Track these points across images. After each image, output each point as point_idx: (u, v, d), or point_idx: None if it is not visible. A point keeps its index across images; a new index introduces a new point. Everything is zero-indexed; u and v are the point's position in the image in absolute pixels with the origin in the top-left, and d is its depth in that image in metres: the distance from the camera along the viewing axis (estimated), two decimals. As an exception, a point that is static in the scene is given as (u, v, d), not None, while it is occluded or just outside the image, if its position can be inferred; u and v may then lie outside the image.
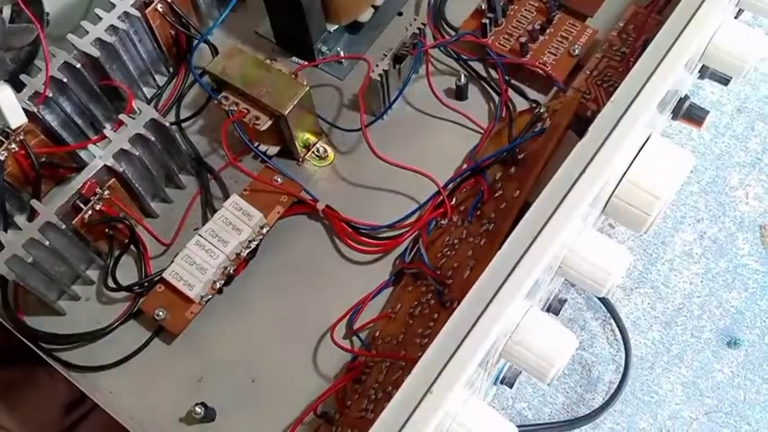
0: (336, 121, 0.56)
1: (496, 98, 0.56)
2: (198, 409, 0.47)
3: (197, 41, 0.57)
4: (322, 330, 0.50)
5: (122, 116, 0.51)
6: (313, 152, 0.56)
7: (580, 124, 0.53)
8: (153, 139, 0.51)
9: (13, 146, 0.50)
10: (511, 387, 0.45)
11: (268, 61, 0.53)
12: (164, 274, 0.50)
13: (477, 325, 0.33)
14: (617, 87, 0.40)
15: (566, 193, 0.36)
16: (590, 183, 0.37)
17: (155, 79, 0.59)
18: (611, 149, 0.37)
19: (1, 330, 0.52)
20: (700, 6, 0.41)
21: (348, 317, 0.50)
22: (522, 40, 0.55)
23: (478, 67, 0.57)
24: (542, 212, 0.36)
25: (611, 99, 0.39)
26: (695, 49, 0.41)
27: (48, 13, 0.55)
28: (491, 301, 0.34)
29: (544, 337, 0.36)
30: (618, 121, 0.38)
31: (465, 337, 0.33)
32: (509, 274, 0.35)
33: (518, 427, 0.36)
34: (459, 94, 0.56)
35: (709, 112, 0.49)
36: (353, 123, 0.56)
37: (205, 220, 0.53)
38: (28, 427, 0.67)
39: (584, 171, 0.37)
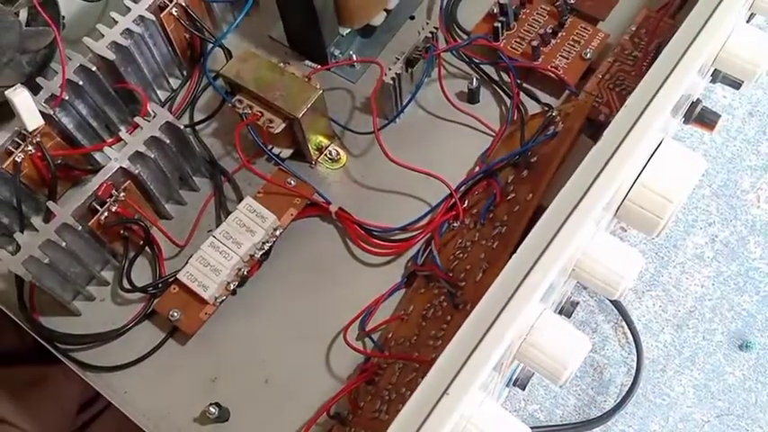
0: (349, 123, 0.57)
1: (508, 101, 0.56)
2: (212, 410, 0.47)
3: (211, 45, 0.57)
4: (335, 332, 0.50)
5: (137, 119, 0.51)
6: (326, 155, 0.56)
7: (593, 128, 0.53)
8: (168, 141, 0.51)
9: (30, 148, 0.51)
10: (523, 389, 0.45)
11: (281, 65, 0.53)
12: (178, 275, 0.50)
13: (493, 328, 0.33)
14: (629, 91, 0.40)
15: (580, 198, 0.36)
16: (604, 187, 0.37)
17: (169, 82, 0.59)
18: (625, 154, 0.38)
19: (15, 330, 0.53)
20: (714, 11, 0.41)
21: (360, 318, 0.50)
22: (534, 43, 0.55)
23: (490, 70, 0.57)
24: (557, 216, 0.36)
25: (626, 104, 0.39)
26: (708, 54, 0.41)
27: (63, 17, 0.56)
28: (507, 304, 0.34)
29: (558, 339, 0.37)
30: (632, 127, 0.38)
31: (481, 340, 0.33)
32: (524, 278, 0.35)
33: (530, 428, 0.36)
34: (472, 97, 0.56)
35: (720, 115, 0.49)
36: (366, 126, 0.56)
37: (219, 222, 0.53)
38: (41, 426, 0.67)
39: (598, 175, 0.37)
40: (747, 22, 0.52)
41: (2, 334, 0.69)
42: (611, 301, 0.50)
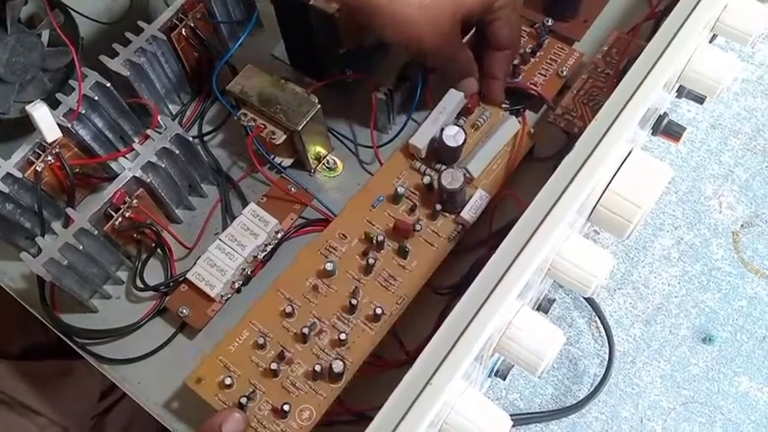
0: (345, 135, 0.57)
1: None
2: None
3: (218, 63, 0.57)
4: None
5: (149, 131, 0.51)
6: (323, 164, 0.56)
7: (568, 140, 0.53)
8: (177, 152, 0.51)
9: (50, 158, 0.51)
10: (504, 379, 0.45)
11: (283, 81, 0.53)
12: (187, 275, 0.50)
13: (473, 322, 0.34)
14: (602, 105, 0.40)
15: (554, 202, 0.37)
16: (576, 193, 0.37)
17: (179, 97, 0.59)
18: (596, 162, 0.38)
19: (42, 327, 0.53)
20: (677, 32, 0.41)
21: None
22: (515, 62, 0.55)
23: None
24: (533, 220, 0.36)
25: (596, 117, 0.39)
26: (673, 72, 0.42)
27: (83, 38, 0.56)
28: (486, 300, 0.34)
29: (534, 333, 0.37)
30: (602, 137, 0.38)
31: (462, 334, 0.33)
32: (502, 276, 0.35)
33: (510, 415, 0.36)
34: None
35: (685, 128, 0.49)
36: (361, 137, 0.56)
37: (225, 226, 0.53)
38: (65, 415, 0.67)
39: (570, 182, 0.37)
40: (710, 42, 0.52)
41: (29, 331, 0.70)
42: (585, 298, 0.50)
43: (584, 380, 0.49)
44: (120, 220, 0.50)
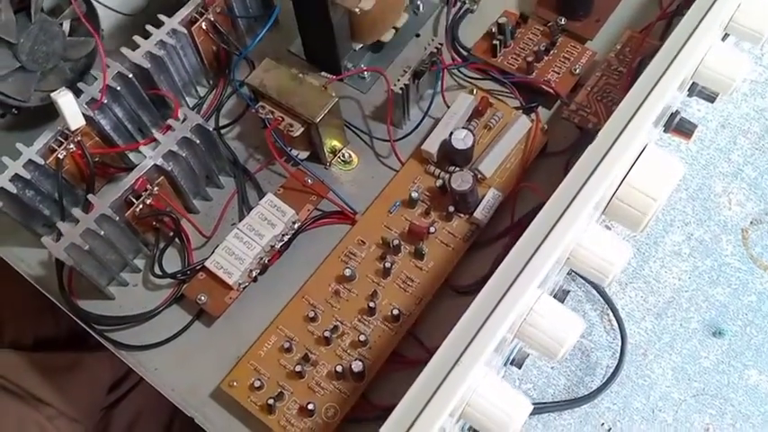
0: (359, 129, 0.58)
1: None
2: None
3: (237, 57, 0.58)
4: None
5: (170, 121, 0.52)
6: (339, 157, 0.57)
7: (582, 134, 0.54)
8: (198, 142, 0.52)
9: (72, 146, 0.51)
10: (519, 368, 0.45)
11: (300, 75, 0.54)
12: (206, 263, 0.51)
13: (499, 307, 0.34)
14: (615, 102, 0.41)
15: (576, 193, 0.37)
16: (597, 184, 0.38)
17: (197, 90, 0.60)
18: (615, 156, 0.39)
19: (53, 319, 0.53)
20: (694, 31, 0.42)
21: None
22: (529, 59, 0.56)
23: (487, 84, 0.58)
24: (555, 210, 0.37)
25: (615, 112, 0.40)
26: (689, 69, 0.43)
27: (102, 29, 0.57)
28: (510, 286, 0.35)
29: (555, 319, 0.38)
30: (621, 132, 0.39)
31: (488, 317, 0.34)
32: (525, 265, 0.36)
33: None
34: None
35: (697, 125, 0.50)
36: (375, 131, 0.57)
37: (241, 217, 0.54)
38: (75, 407, 0.68)
39: (592, 174, 0.38)
40: (722, 41, 0.53)
41: (41, 322, 0.70)
42: (597, 291, 0.51)
43: (597, 371, 0.50)
44: (140, 206, 0.50)
